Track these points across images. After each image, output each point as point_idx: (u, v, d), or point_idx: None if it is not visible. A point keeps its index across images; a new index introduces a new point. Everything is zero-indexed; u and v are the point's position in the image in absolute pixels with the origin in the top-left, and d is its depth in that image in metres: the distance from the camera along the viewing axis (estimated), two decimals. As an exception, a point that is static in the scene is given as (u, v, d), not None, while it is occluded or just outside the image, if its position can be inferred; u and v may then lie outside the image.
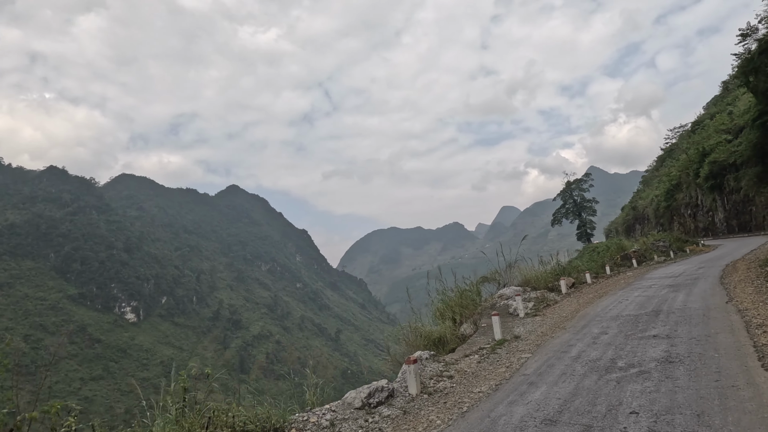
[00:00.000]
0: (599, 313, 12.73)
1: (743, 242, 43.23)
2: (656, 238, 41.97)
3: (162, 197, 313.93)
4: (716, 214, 65.96)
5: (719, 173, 61.85)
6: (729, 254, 30.40)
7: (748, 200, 57.64)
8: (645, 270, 25.81)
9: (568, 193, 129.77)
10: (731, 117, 67.76)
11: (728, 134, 63.71)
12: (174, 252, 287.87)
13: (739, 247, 36.21)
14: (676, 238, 44.35)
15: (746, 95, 68.51)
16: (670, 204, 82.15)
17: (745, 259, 24.76)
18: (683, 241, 44.24)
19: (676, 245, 40.79)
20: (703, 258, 30.18)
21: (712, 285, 15.99)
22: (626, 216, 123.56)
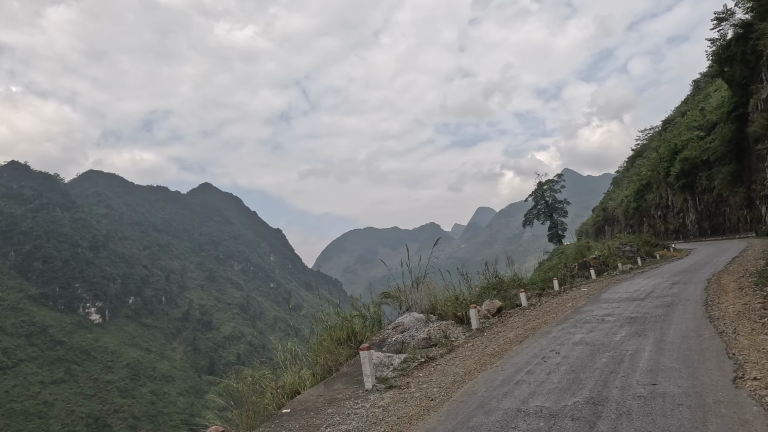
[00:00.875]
0: (486, 401, 6.50)
1: (719, 247, 37.93)
2: (623, 241, 36.41)
3: (131, 195, 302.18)
4: (687, 215, 61.14)
5: (691, 172, 57.02)
6: (707, 262, 24.77)
7: (722, 200, 52.80)
8: (604, 284, 19.91)
9: (540, 193, 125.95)
10: (703, 113, 63.10)
11: (700, 131, 58.93)
12: (143, 251, 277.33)
13: (716, 254, 30.71)
14: (644, 241, 38.96)
15: (718, 92, 64.08)
16: (639, 205, 77.44)
17: (729, 271, 19.05)
18: (653, 245, 38.85)
19: (645, 250, 35.31)
20: (676, 267, 24.52)
21: (695, 321, 10.00)
22: (596, 217, 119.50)
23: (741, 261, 22.61)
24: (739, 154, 47.04)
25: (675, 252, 36.88)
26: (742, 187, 47.17)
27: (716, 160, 50.69)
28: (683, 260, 29.50)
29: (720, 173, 50.04)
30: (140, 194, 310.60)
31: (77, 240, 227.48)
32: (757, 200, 44.54)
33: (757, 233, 43.08)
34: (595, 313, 12.46)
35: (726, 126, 47.40)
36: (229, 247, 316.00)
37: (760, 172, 43.15)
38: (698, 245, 45.34)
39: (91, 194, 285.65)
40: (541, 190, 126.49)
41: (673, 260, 30.71)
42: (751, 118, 44.42)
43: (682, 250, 39.81)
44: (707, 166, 53.46)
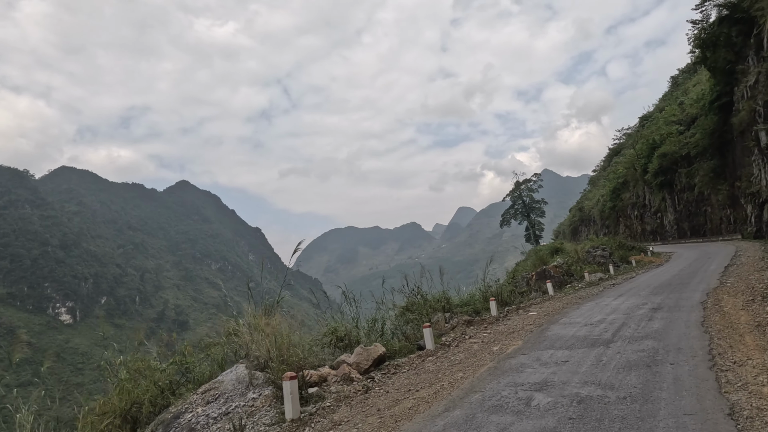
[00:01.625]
0: None
1: (702, 251, 33.02)
2: (594, 244, 31.35)
3: (105, 192, 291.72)
4: (666, 215, 56.56)
5: (669, 168, 52.41)
6: (693, 273, 19.65)
7: (703, 199, 48.25)
8: (561, 305, 14.54)
9: (517, 193, 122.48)
10: (682, 108, 58.62)
11: (680, 125, 54.38)
12: (116, 250, 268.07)
13: (701, 260, 25.67)
14: (618, 244, 33.98)
15: (697, 86, 59.89)
16: (615, 204, 72.92)
17: (728, 288, 13.86)
18: (628, 249, 33.81)
19: (619, 254, 30.22)
20: (655, 279, 19.36)
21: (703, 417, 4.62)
22: (572, 218, 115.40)
23: (738, 272, 17.50)
24: (722, 148, 42.47)
25: (653, 257, 31.90)
26: (725, 185, 42.59)
27: (697, 155, 46.13)
28: (664, 268, 24.39)
29: (701, 169, 45.48)
30: (115, 191, 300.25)
31: (47, 238, 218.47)
32: (742, 198, 39.96)
33: (743, 235, 38.45)
34: (523, 377, 6.98)
35: (708, 117, 42.81)
36: (206, 246, 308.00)
37: (745, 167, 38.54)
38: (678, 248, 40.62)
39: (63, 191, 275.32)
40: (518, 189, 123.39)
41: (652, 267, 25.61)
42: (735, 107, 39.78)
43: (660, 254, 34.91)
44: (687, 161, 48.94)
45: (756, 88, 35.91)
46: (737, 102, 39.82)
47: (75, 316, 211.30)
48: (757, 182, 36.16)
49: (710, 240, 44.17)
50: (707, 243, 42.14)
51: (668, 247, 45.28)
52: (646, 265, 27.02)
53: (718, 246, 34.83)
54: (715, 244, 37.98)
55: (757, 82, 35.93)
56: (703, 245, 39.83)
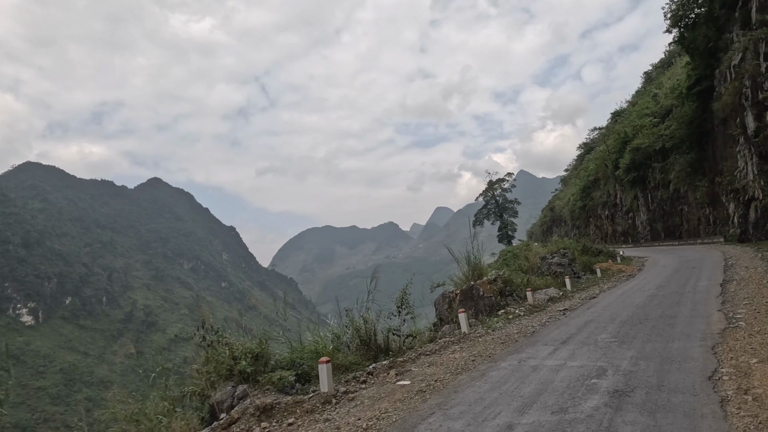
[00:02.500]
0: None
1: (681, 256, 27.27)
2: (553, 248, 25.39)
3: (72, 189, 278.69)
4: (638, 215, 51.19)
5: (643, 163, 47.01)
6: (677, 293, 13.61)
7: (679, 197, 42.89)
8: (465, 360, 8.22)
9: (490, 193, 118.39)
10: (656, 100, 53.49)
11: (654, 117, 49.11)
12: (83, 248, 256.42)
13: (682, 269, 19.80)
14: (583, 248, 28.15)
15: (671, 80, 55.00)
16: (585, 204, 67.60)
17: (745, 331, 7.72)
18: (594, 254, 27.96)
19: (582, 261, 24.30)
20: (624, 302, 13.31)
21: None
22: (543, 218, 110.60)
23: (745, 295, 11.53)
24: (701, 140, 37.16)
25: (623, 264, 26.07)
26: (704, 180, 37.28)
27: (673, 147, 40.80)
28: (635, 282, 18.41)
29: (677, 164, 40.17)
30: (83, 188, 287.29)
31: (8, 236, 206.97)
32: (724, 196, 34.65)
33: (726, 237, 33.04)
34: None
35: (686, 105, 37.47)
36: (178, 245, 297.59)
37: (728, 159, 33.18)
38: (653, 252, 35.05)
39: (27, 187, 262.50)
40: (491, 189, 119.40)
41: (621, 280, 19.64)
42: (717, 91, 34.41)
43: (632, 259, 29.19)
44: (662, 155, 43.67)
45: (742, 66, 30.46)
46: (719, 86, 34.44)
47: (37, 318, 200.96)
48: (742, 176, 30.75)
49: (688, 243, 38.84)
50: (685, 246, 36.77)
51: (641, 250, 39.82)
52: (614, 276, 21.12)
53: (699, 251, 29.25)
54: (694, 249, 32.50)
55: (744, 59, 30.48)
56: (680, 249, 34.37)
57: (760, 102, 28.64)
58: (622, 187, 53.21)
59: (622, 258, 30.41)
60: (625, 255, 32.65)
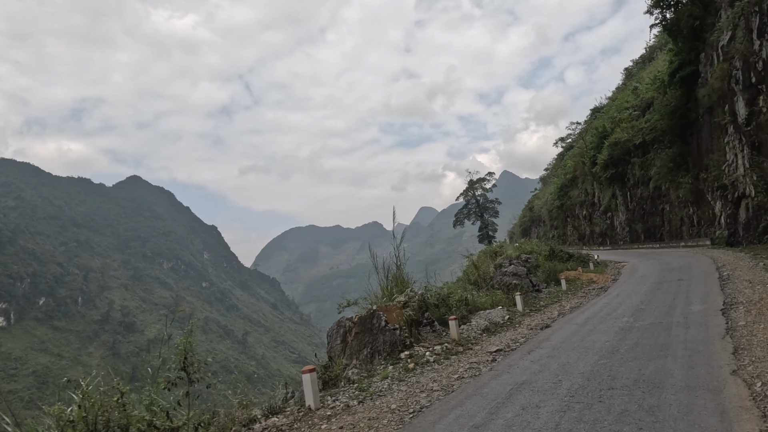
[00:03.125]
0: None
1: (664, 263, 23.07)
2: (515, 253, 21.05)
3: (48, 186, 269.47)
4: (616, 215, 47.26)
5: (621, 159, 43.08)
6: (662, 323, 9.13)
7: (660, 195, 38.96)
8: None
9: (471, 192, 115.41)
10: (636, 93, 49.70)
11: (634, 110, 45.26)
12: (58, 247, 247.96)
13: (666, 282, 15.51)
14: (550, 252, 23.88)
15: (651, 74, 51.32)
16: (563, 203, 63.67)
17: None
18: (563, 259, 23.66)
19: (547, 269, 19.96)
20: (589, 339, 8.96)
21: None
22: (523, 218, 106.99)
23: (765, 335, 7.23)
24: (685, 132, 33.24)
25: (595, 272, 21.80)
26: (687, 177, 33.37)
27: (653, 141, 36.86)
28: (606, 299, 14.06)
29: (658, 159, 36.28)
30: (59, 186, 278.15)
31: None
32: (709, 194, 30.74)
33: (713, 240, 29.06)
34: None
35: (668, 93, 33.53)
36: (158, 244, 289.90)
37: (714, 152, 29.24)
38: (631, 257, 30.96)
39: (0, 185, 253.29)
40: (472, 188, 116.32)
41: (590, 297, 15.29)
42: (702, 77, 30.46)
43: (607, 265, 24.97)
44: (642, 150, 39.78)
45: (732, 46, 26.45)
46: (705, 71, 30.48)
47: (9, 319, 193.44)
48: (731, 171, 26.77)
49: (670, 245, 34.90)
50: (667, 250, 32.83)
51: (619, 253, 35.84)
52: (583, 289, 16.80)
53: (684, 256, 25.15)
54: (677, 253, 28.47)
55: (734, 38, 26.47)
56: (662, 253, 30.37)
57: (752, 85, 24.67)
58: (600, 185, 49.34)
59: (597, 263, 26.28)
60: (600, 260, 28.58)
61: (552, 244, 27.83)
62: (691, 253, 26.31)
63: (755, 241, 24.37)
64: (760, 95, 24.10)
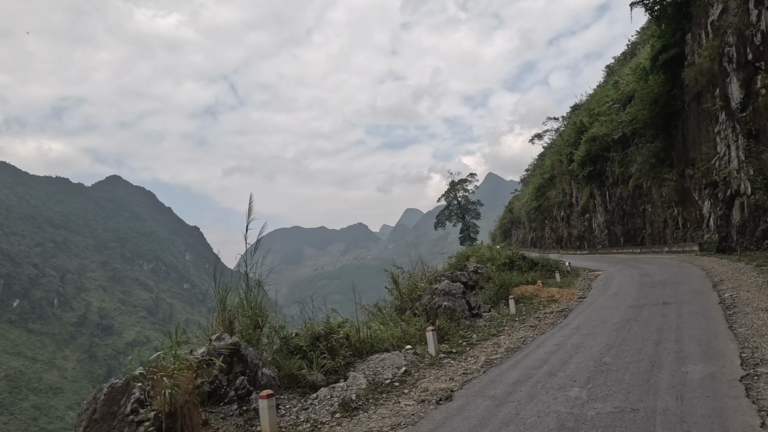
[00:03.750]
0: None
1: (645, 274, 18.73)
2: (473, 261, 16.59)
3: (24, 186, 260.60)
4: (594, 216, 43.22)
5: (600, 156, 39.07)
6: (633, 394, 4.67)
7: (641, 195, 34.93)
8: None
9: (452, 194, 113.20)
10: (617, 87, 45.87)
11: (614, 103, 41.33)
12: (34, 248, 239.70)
13: (645, 304, 10.96)
14: (507, 261, 19.54)
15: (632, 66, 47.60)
16: (540, 204, 59.63)
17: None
18: (522, 270, 19.27)
19: (500, 281, 15.48)
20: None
21: None
22: (503, 219, 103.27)
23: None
24: (669, 123, 29.27)
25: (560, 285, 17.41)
26: (671, 173, 29.38)
27: (634, 134, 32.89)
28: (561, 335, 9.57)
29: (639, 154, 32.31)
30: (35, 185, 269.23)
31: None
32: (696, 192, 26.75)
33: (701, 246, 24.96)
34: None
35: (651, 79, 29.53)
36: (138, 245, 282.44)
37: (702, 145, 25.22)
38: (608, 263, 26.77)
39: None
40: (453, 190, 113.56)
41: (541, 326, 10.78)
42: (689, 59, 26.42)
43: (578, 275, 20.66)
44: (622, 145, 35.83)
45: (724, 19, 22.37)
46: (691, 52, 26.44)
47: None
48: (722, 165, 22.70)
49: (652, 251, 30.84)
50: (649, 256, 28.74)
51: (595, 259, 31.76)
52: (536, 313, 12.40)
53: (669, 265, 20.96)
54: (661, 260, 24.33)
55: (726, 10, 22.41)
56: (644, 260, 26.25)
57: (748, 63, 20.60)
58: (577, 185, 45.35)
59: (567, 273, 22.01)
60: (572, 267, 24.36)
61: (514, 250, 23.41)
62: (677, 260, 22.19)
63: (752, 246, 20.30)
64: (757, 74, 20.04)
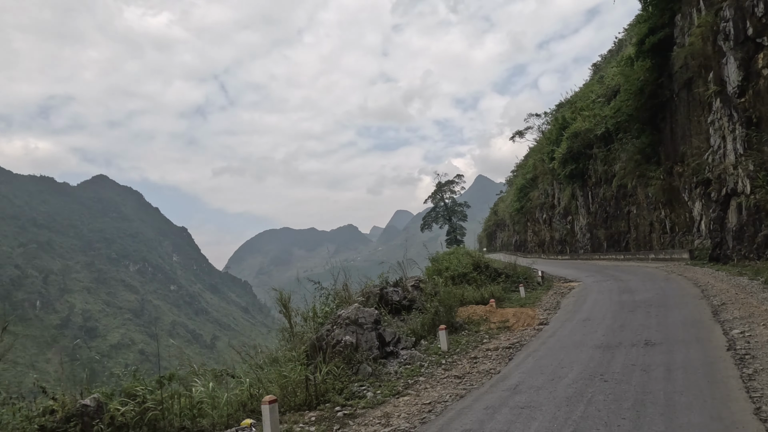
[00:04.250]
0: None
1: (625, 286, 15.23)
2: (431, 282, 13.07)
3: (7, 185, 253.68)
4: (577, 219, 39.91)
5: (582, 153, 35.81)
6: None
7: (625, 195, 31.68)
8: None
9: (439, 195, 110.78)
10: (603, 82, 42.77)
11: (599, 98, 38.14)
12: (16, 249, 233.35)
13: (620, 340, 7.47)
14: (459, 272, 16.11)
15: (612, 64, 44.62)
16: (523, 206, 56.35)
17: None
18: (478, 284, 15.74)
19: (450, 299, 11.94)
20: None
21: None
22: (488, 221, 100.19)
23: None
24: (656, 116, 26.08)
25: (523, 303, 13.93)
26: (658, 171, 26.18)
27: (619, 129, 29.68)
28: (494, 396, 6.07)
29: (624, 151, 29.11)
30: (19, 184, 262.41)
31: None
32: (686, 192, 23.53)
33: (692, 253, 21.67)
34: None
35: (636, 65, 26.32)
36: (124, 246, 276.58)
37: (693, 138, 22.01)
38: (586, 273, 23.40)
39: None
40: (440, 191, 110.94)
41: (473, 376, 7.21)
42: (679, 43, 23.20)
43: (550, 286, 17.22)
44: (606, 141, 32.63)
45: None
46: (681, 34, 23.20)
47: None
48: (716, 161, 19.44)
49: (637, 258, 27.58)
50: (633, 265, 25.43)
51: (575, 266, 28.44)
52: (476, 350, 8.91)
53: (655, 277, 17.59)
54: (646, 270, 21.00)
55: (721, -19, 19.17)
56: (627, 269, 22.91)
57: (748, 39, 17.35)
58: (559, 184, 42.11)
59: (538, 284, 18.63)
60: (546, 276, 20.97)
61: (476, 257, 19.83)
62: (665, 271, 18.89)
63: (751, 255, 17.03)
64: (759, 52, 16.80)
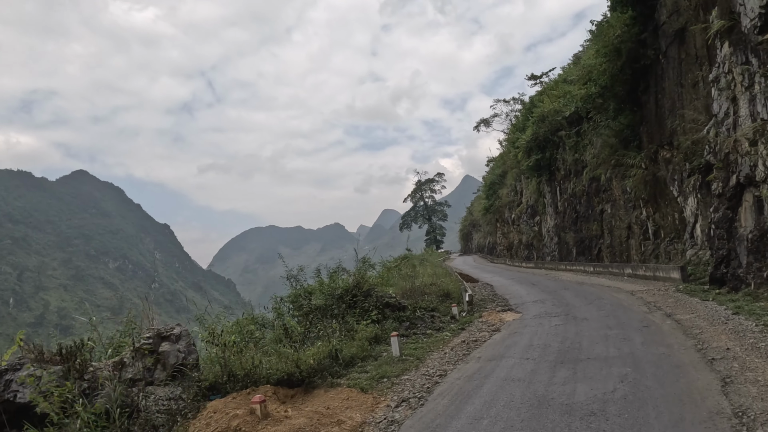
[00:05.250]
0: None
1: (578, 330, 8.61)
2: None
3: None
4: (544, 219, 33.37)
5: (550, 140, 29.34)
6: None
7: (598, 191, 25.15)
8: None
9: (418, 194, 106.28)
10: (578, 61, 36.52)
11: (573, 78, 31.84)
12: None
13: None
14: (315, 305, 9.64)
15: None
16: (492, 204, 49.81)
17: None
18: (363, 311, 8.61)
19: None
20: None
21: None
22: (464, 222, 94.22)
23: None
24: (636, 88, 19.62)
25: (362, 388, 7.33)
26: (639, 158, 19.73)
27: (591, 107, 23.24)
28: None
29: (598, 135, 22.68)
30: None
31: None
32: (675, 185, 17.18)
33: (685, 271, 15.07)
34: None
35: (612, 17, 19.83)
36: (104, 243, 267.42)
37: (686, 107, 15.62)
38: (538, 292, 16.74)
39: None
40: (420, 190, 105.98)
41: None
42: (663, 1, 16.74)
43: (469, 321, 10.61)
44: (576, 124, 26.25)
45: None
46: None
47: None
48: (723, 134, 12.98)
49: (609, 271, 21.04)
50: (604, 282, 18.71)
51: (531, 281, 21.92)
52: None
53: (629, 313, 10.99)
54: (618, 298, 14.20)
55: None
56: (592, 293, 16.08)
57: (776, -56, 10.91)
58: (526, 178, 35.49)
59: (453, 318, 12.09)
60: (483, 297, 14.42)
61: (358, 276, 13.35)
62: (645, 304, 12.22)
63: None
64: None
